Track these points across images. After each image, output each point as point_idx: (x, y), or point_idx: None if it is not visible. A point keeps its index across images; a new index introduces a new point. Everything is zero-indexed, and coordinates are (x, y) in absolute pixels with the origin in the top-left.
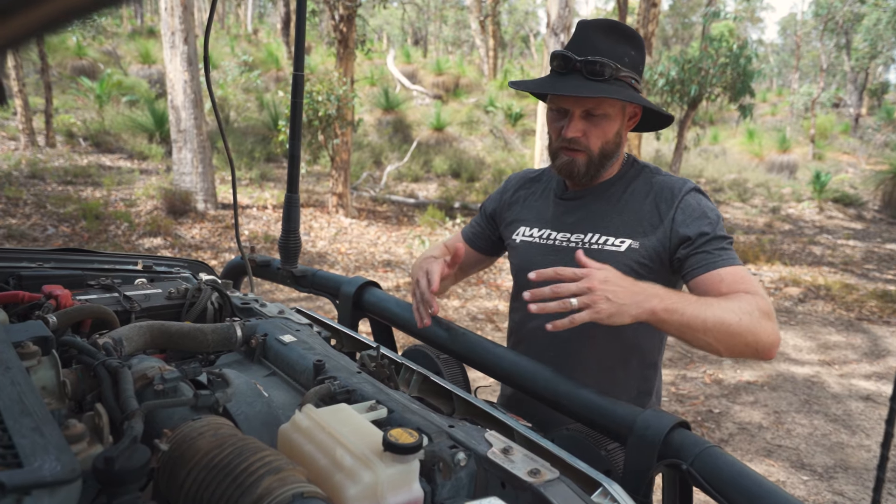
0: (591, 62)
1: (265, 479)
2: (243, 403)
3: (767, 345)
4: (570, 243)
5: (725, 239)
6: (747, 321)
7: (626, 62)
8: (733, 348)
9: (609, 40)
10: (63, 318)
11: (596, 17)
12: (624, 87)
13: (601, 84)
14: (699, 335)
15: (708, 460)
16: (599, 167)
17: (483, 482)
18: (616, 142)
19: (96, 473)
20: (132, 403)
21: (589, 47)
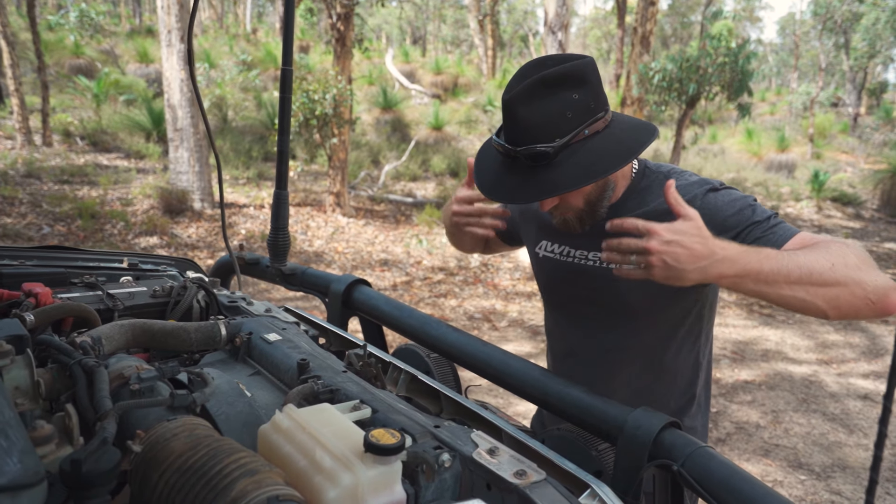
0: (528, 154)
1: (240, 481)
2: (224, 403)
3: (877, 289)
4: (587, 261)
5: (769, 217)
6: (842, 268)
7: (570, 116)
8: (837, 301)
9: (540, 103)
10: (41, 316)
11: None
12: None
13: (547, 170)
14: (786, 291)
15: (699, 461)
16: (593, 213)
17: (468, 484)
18: (601, 186)
19: (63, 476)
20: (106, 403)
21: (522, 130)
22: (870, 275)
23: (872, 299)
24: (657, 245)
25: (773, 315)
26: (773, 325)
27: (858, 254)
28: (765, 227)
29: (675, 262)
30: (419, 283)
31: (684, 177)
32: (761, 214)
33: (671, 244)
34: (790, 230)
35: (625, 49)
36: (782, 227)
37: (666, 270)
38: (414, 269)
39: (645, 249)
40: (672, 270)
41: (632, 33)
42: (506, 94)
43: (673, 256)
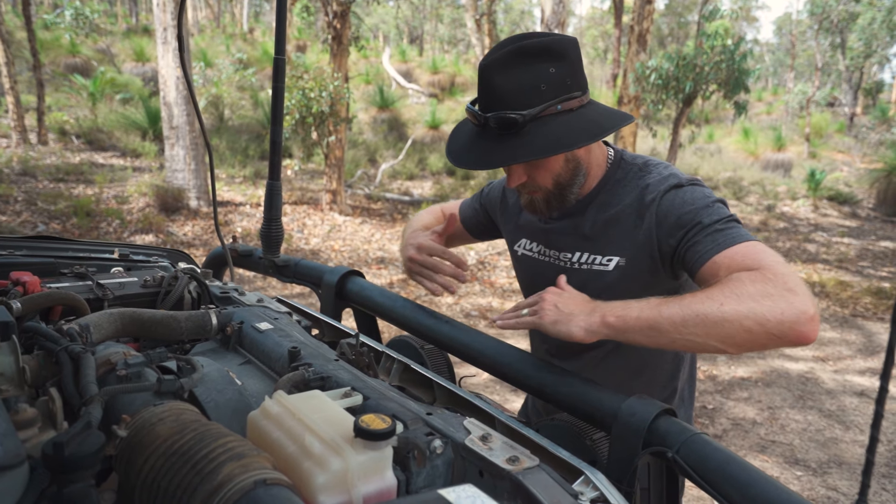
0: (498, 119)
1: (226, 465)
2: (214, 391)
3: (780, 324)
4: (559, 262)
5: (719, 221)
6: (733, 305)
7: (545, 89)
8: (732, 339)
9: (517, 73)
10: (28, 303)
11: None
12: (547, 122)
13: (514, 139)
14: (676, 336)
15: (694, 448)
16: (562, 197)
17: (461, 470)
18: (571, 168)
19: (45, 459)
20: (91, 388)
21: (493, 97)
22: (776, 307)
23: (776, 334)
24: (550, 295)
25: None
26: None
27: (769, 280)
28: (707, 230)
29: (562, 306)
30: None
31: (657, 170)
32: (713, 216)
33: (562, 295)
34: (734, 238)
35: (622, 48)
36: (726, 233)
37: (556, 314)
38: None
39: (541, 297)
40: (561, 315)
41: (629, 32)
42: (483, 60)
43: (562, 303)
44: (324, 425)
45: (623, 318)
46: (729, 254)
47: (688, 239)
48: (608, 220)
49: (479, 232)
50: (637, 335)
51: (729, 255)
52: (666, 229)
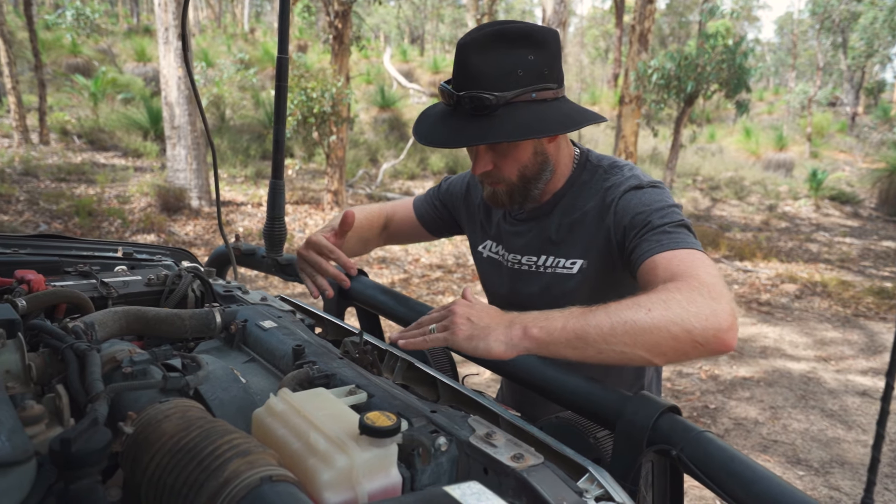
0: (471, 98)
1: (232, 462)
2: (219, 389)
3: (705, 330)
4: (521, 266)
5: (668, 224)
6: (661, 311)
7: (521, 75)
8: (659, 348)
9: (495, 55)
10: (33, 301)
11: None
12: (520, 108)
13: (485, 120)
14: (604, 346)
15: (699, 446)
16: (526, 192)
17: (465, 468)
18: (538, 161)
19: (52, 456)
20: (97, 386)
21: (470, 76)
22: (701, 315)
23: (700, 341)
24: (460, 308)
25: (771, 312)
26: (772, 322)
27: (695, 288)
28: (655, 231)
29: (477, 319)
30: (417, 280)
31: (621, 172)
32: (664, 219)
33: (474, 307)
34: (677, 243)
35: (623, 48)
36: (671, 236)
37: (470, 329)
38: (412, 266)
39: (450, 311)
40: (473, 327)
41: (630, 32)
42: (462, 39)
43: (476, 316)
44: (329, 422)
45: (546, 329)
46: (668, 256)
47: (636, 238)
48: (573, 222)
49: (436, 228)
50: (562, 347)
51: (667, 258)
52: (621, 230)
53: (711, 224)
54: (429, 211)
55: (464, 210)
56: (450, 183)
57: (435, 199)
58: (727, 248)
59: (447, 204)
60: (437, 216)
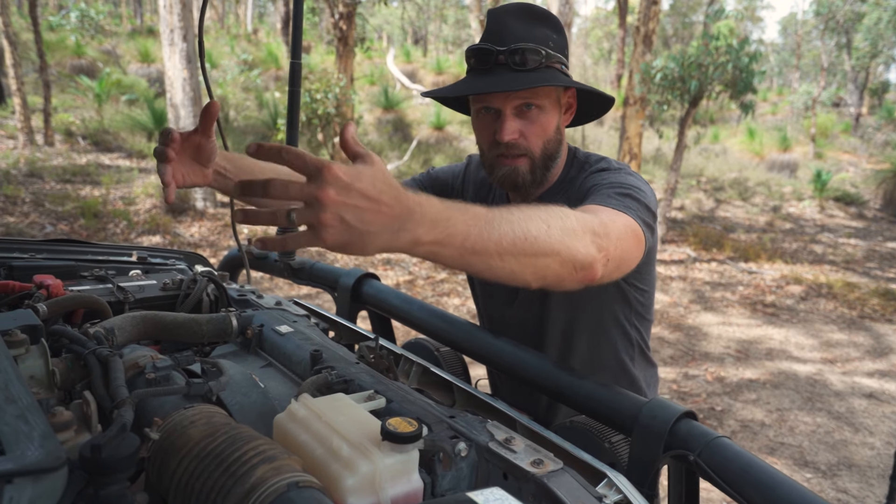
0: (516, 51)
1: (259, 468)
2: (238, 394)
3: (589, 261)
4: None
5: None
6: (558, 233)
7: (552, 46)
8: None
9: (528, 25)
10: (53, 307)
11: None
12: (556, 73)
13: (531, 74)
14: (495, 262)
15: (716, 451)
16: (545, 170)
17: (485, 473)
18: (558, 138)
19: (83, 462)
20: (122, 392)
21: (509, 36)
22: (583, 242)
23: (577, 268)
24: (335, 195)
25: (776, 314)
26: (778, 323)
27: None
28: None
29: (358, 221)
30: (422, 281)
31: (606, 162)
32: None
33: (352, 195)
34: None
35: (626, 49)
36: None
37: (344, 234)
38: (417, 267)
39: (317, 199)
40: (352, 234)
41: (634, 32)
42: (494, 9)
43: (356, 214)
44: (350, 428)
45: (443, 242)
46: (592, 206)
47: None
48: None
49: None
50: (452, 260)
51: (591, 207)
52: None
53: (716, 225)
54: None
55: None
56: (438, 171)
57: (424, 182)
58: (732, 250)
59: (436, 189)
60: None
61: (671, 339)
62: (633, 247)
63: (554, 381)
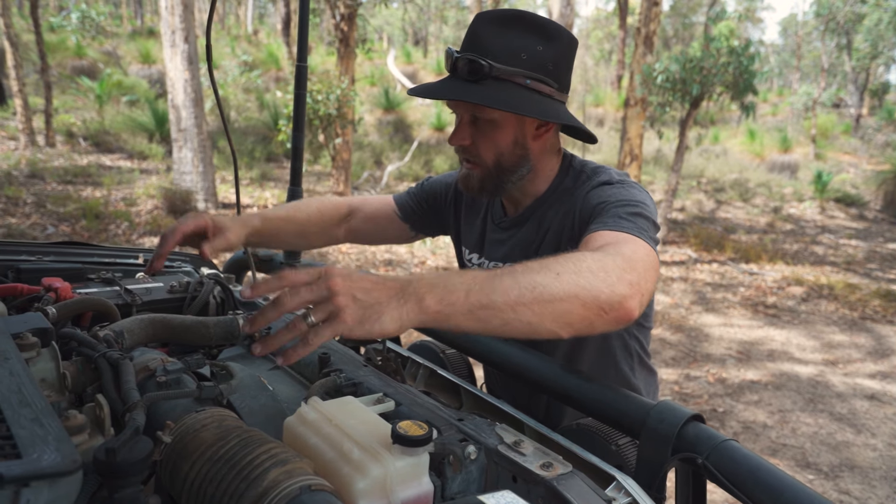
0: (465, 61)
1: (271, 471)
2: (247, 397)
3: (617, 299)
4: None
5: (622, 210)
6: (571, 276)
7: (524, 58)
8: (570, 318)
9: (501, 32)
10: (63, 310)
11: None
12: (509, 87)
13: (473, 86)
14: (511, 316)
15: (725, 454)
16: (499, 182)
17: (494, 476)
18: (518, 154)
19: (97, 465)
20: (134, 395)
21: (474, 43)
22: (608, 281)
23: (605, 309)
24: (342, 281)
25: (778, 315)
26: (779, 325)
27: (606, 260)
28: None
29: (367, 296)
30: None
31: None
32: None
33: (355, 278)
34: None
35: (626, 50)
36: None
37: (359, 310)
38: (418, 269)
39: (328, 288)
40: (366, 309)
41: (635, 34)
42: (482, 12)
43: (364, 291)
44: (361, 431)
45: (445, 300)
46: (604, 233)
47: (591, 224)
48: (553, 228)
49: (420, 225)
50: (463, 319)
51: (603, 234)
52: (585, 223)
53: (716, 226)
54: (412, 206)
55: (451, 210)
56: (433, 181)
57: (419, 195)
58: (732, 251)
59: (430, 201)
60: (420, 212)
61: (672, 340)
62: (655, 274)
63: (562, 384)
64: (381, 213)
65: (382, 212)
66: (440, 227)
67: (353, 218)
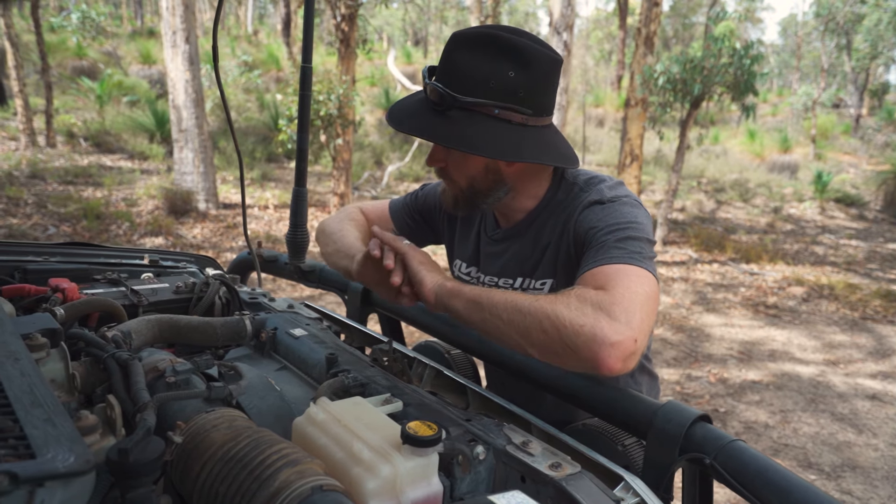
0: (432, 89)
1: (283, 471)
2: (255, 397)
3: (578, 336)
4: (495, 286)
5: (615, 239)
6: (545, 304)
7: (492, 86)
8: (530, 337)
9: (477, 57)
10: (71, 310)
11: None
12: (475, 118)
13: (438, 116)
14: (488, 315)
15: (733, 454)
16: (472, 202)
17: (502, 476)
18: (490, 179)
19: (110, 465)
20: (144, 395)
21: (444, 69)
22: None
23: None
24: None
25: (779, 315)
26: (780, 325)
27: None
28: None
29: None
30: None
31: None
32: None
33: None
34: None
35: (626, 50)
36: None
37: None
38: None
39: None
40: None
41: (635, 34)
42: (459, 31)
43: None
44: (370, 432)
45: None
46: (595, 271)
47: (585, 255)
48: (546, 242)
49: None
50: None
51: (594, 273)
52: (579, 246)
53: (717, 226)
54: (405, 219)
55: (445, 223)
56: (426, 193)
57: (412, 208)
58: (733, 251)
59: (424, 214)
60: (414, 226)
61: (674, 340)
62: (655, 304)
63: (568, 385)
64: (380, 223)
65: (380, 222)
66: (434, 239)
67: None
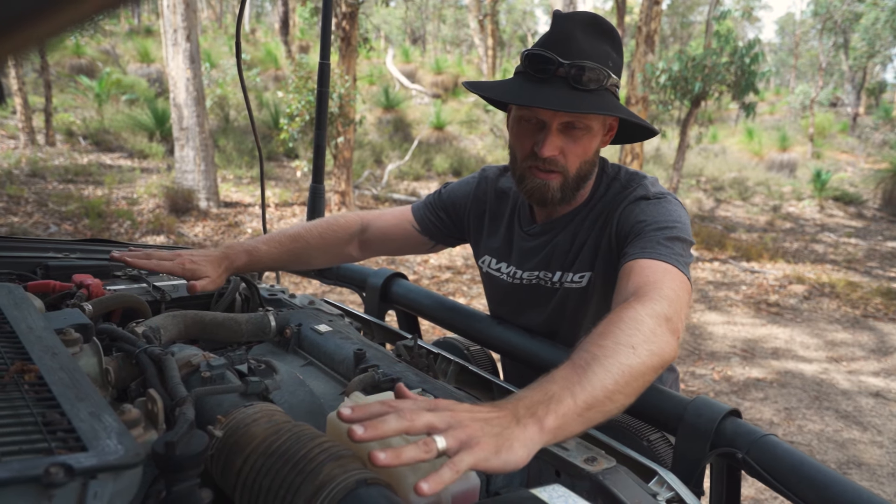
0: (581, 68)
1: (326, 465)
2: (286, 392)
3: (672, 355)
4: (534, 280)
5: (661, 235)
6: (644, 347)
7: (611, 66)
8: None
9: (594, 40)
10: (98, 306)
11: None
12: (611, 97)
13: (589, 96)
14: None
15: (765, 449)
16: (575, 190)
17: (536, 471)
18: (594, 161)
19: (156, 459)
20: (181, 390)
21: (574, 48)
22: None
23: (660, 366)
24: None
25: (780, 313)
26: (782, 323)
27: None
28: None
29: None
30: (427, 281)
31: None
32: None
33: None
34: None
35: (625, 48)
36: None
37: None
38: (421, 267)
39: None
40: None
41: (636, 33)
42: (561, 13)
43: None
44: None
45: (559, 413)
46: (643, 263)
47: (629, 245)
48: (585, 236)
49: (439, 236)
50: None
51: (642, 265)
52: (622, 238)
53: (716, 225)
54: (430, 217)
55: (471, 219)
56: (450, 190)
57: (436, 205)
58: (733, 249)
59: (449, 211)
60: (439, 224)
61: None
62: (688, 308)
63: None
64: (398, 227)
65: (400, 227)
66: (460, 238)
67: (366, 232)
